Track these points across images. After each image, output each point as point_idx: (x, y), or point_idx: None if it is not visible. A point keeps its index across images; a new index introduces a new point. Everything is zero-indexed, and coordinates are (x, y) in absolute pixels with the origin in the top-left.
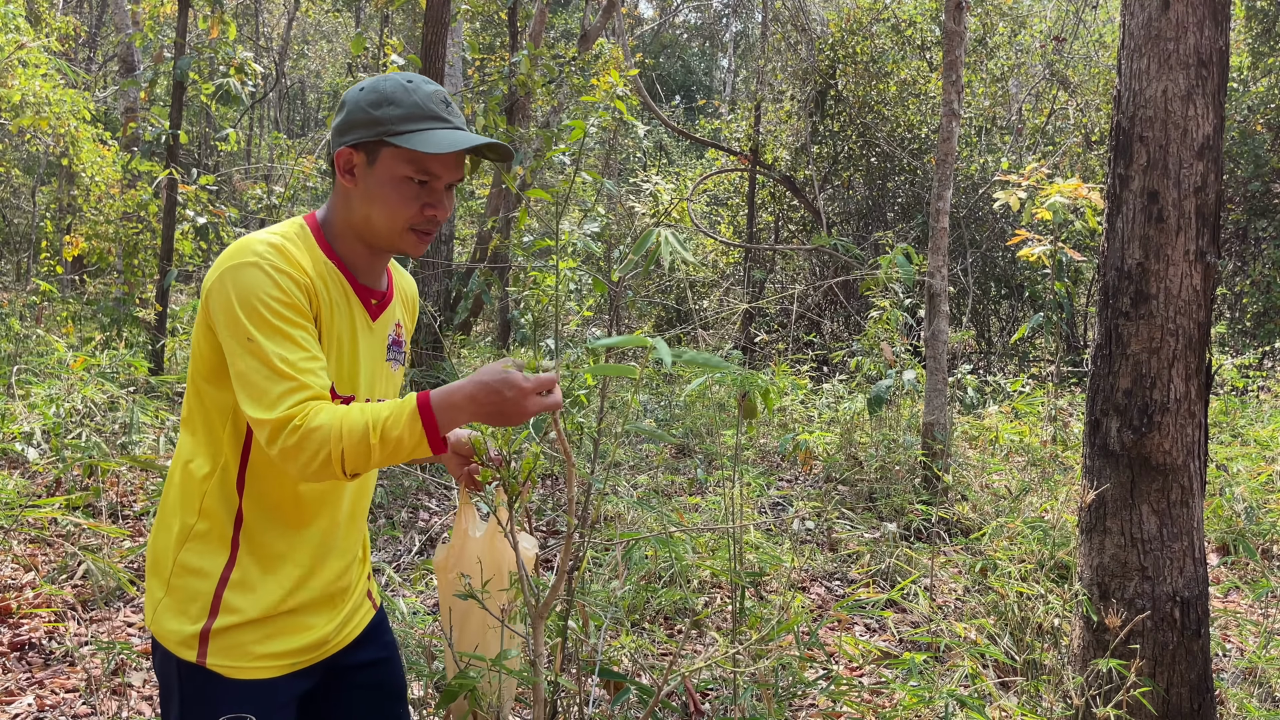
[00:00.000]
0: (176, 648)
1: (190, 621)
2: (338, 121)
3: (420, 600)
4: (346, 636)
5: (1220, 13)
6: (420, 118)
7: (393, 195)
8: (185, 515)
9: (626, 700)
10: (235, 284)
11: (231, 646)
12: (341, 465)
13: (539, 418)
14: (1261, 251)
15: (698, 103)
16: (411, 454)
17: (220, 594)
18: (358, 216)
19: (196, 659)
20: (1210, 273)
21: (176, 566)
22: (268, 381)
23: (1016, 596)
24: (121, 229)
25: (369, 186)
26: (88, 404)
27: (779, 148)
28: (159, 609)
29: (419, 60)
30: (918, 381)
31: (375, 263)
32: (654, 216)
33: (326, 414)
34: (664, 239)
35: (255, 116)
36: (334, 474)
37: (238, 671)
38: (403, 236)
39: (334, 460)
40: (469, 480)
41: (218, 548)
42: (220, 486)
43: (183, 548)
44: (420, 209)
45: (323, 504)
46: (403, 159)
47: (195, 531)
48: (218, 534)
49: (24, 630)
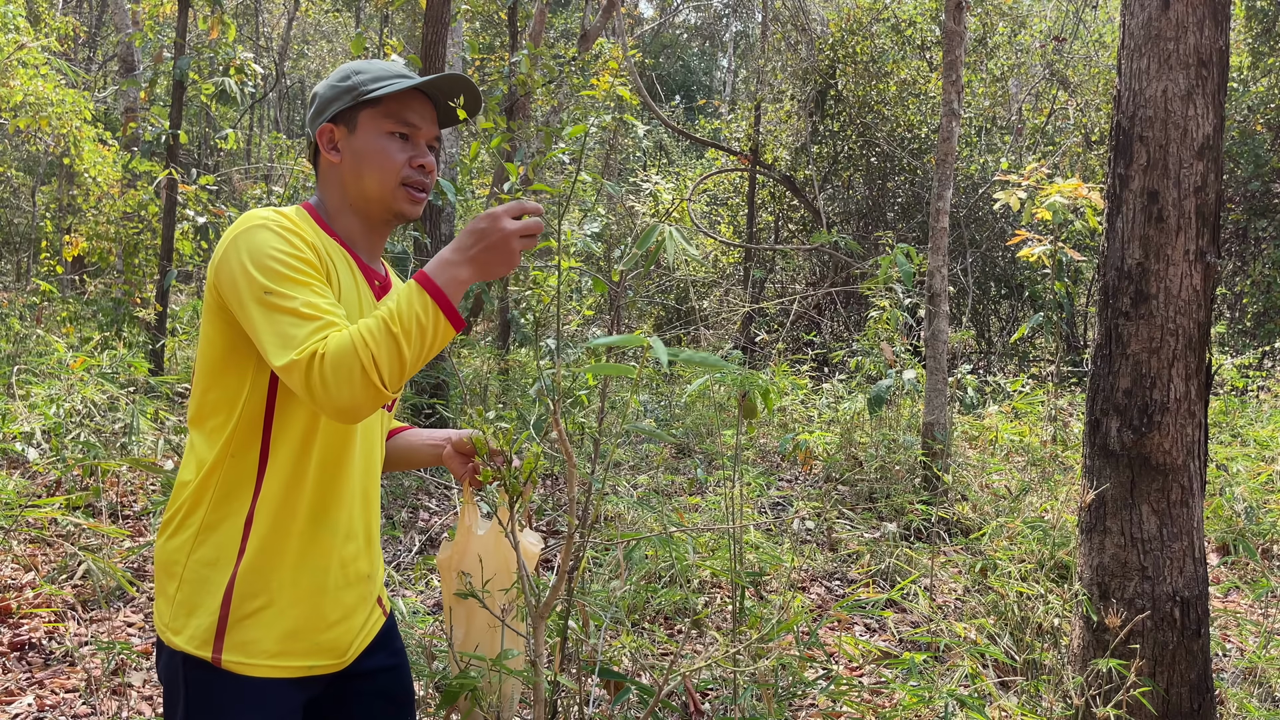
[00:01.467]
0: (190, 644)
1: (206, 615)
2: (312, 110)
3: (420, 600)
4: (361, 643)
5: (1220, 13)
6: (389, 76)
7: (379, 153)
8: (198, 510)
9: (626, 700)
10: (247, 246)
11: (248, 642)
12: (378, 373)
13: (539, 418)
14: (1261, 251)
15: (698, 103)
16: (436, 336)
17: (233, 584)
18: (350, 188)
19: (211, 655)
20: (1210, 273)
21: (191, 561)
22: (294, 327)
23: (1016, 596)
24: (121, 229)
25: (354, 153)
26: (88, 404)
27: (779, 148)
28: (174, 606)
29: (419, 60)
30: (918, 381)
31: (374, 240)
32: (654, 216)
33: (341, 332)
34: (668, 235)
35: (255, 116)
36: (375, 389)
37: (252, 669)
38: (395, 194)
39: (369, 369)
40: (471, 479)
41: (231, 539)
42: (234, 475)
43: (196, 540)
44: (407, 160)
45: (336, 483)
46: (381, 114)
47: (207, 523)
48: (231, 524)
49: (24, 630)
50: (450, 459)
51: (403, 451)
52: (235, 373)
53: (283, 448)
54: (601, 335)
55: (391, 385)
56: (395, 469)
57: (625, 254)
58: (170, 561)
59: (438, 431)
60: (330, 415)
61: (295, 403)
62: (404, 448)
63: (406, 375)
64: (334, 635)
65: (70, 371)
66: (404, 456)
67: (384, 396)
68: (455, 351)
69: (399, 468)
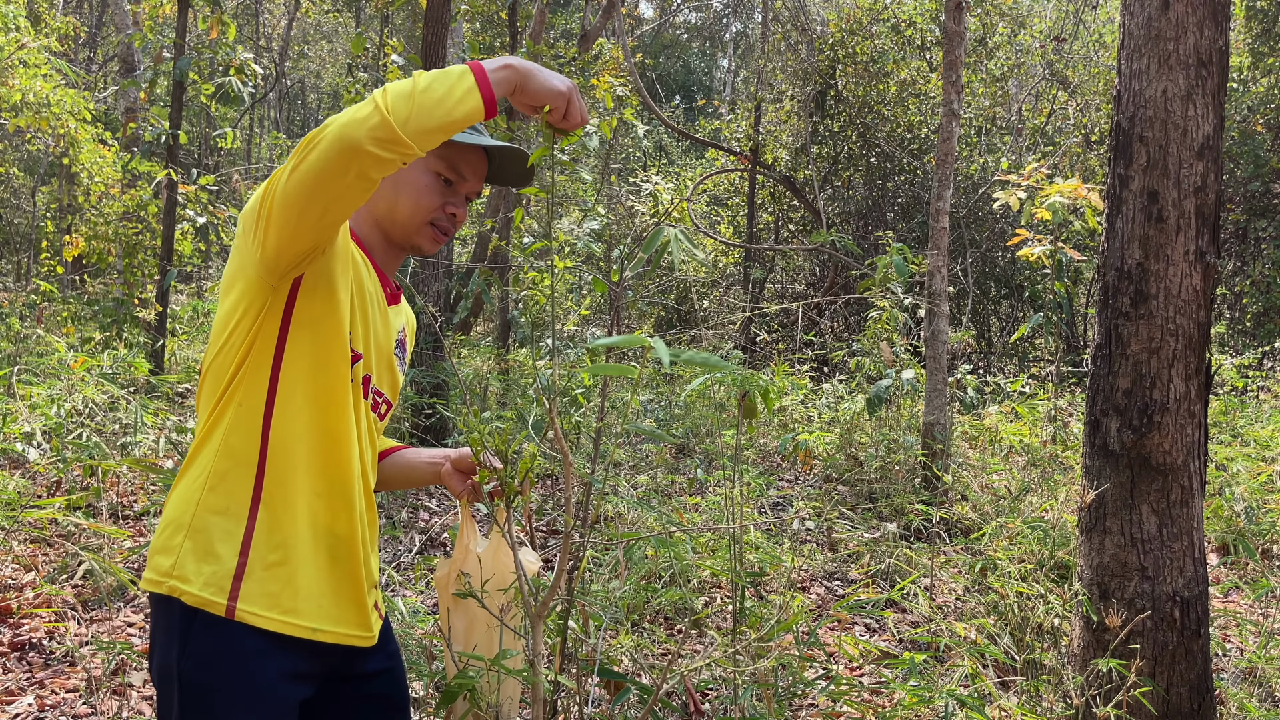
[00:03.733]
0: (206, 590)
1: (222, 562)
2: None
3: (420, 600)
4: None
5: (1220, 13)
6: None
7: (421, 190)
8: (206, 458)
9: (626, 700)
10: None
11: (267, 594)
12: (386, 110)
13: (539, 418)
14: (1261, 251)
15: (698, 103)
16: (458, 102)
17: (251, 532)
18: (382, 207)
19: (226, 602)
20: (1210, 273)
21: (200, 509)
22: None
23: (1016, 596)
24: (121, 229)
25: (399, 177)
26: (88, 404)
27: (779, 148)
28: (179, 554)
29: (419, 60)
30: (917, 381)
31: (389, 258)
32: (654, 216)
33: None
34: (674, 238)
35: (255, 116)
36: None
37: (268, 622)
38: (421, 231)
39: (379, 108)
40: (470, 494)
41: (243, 488)
42: (243, 427)
43: (206, 487)
44: (443, 205)
45: (338, 446)
46: (436, 154)
47: (216, 470)
48: (242, 473)
49: (24, 630)
50: (449, 477)
51: (400, 470)
52: (245, 322)
53: (290, 398)
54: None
55: (393, 111)
56: (392, 488)
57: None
58: (180, 511)
59: (436, 450)
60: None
61: (300, 358)
62: (401, 465)
63: (411, 115)
64: (358, 613)
65: (71, 371)
66: (401, 475)
67: (390, 130)
68: (455, 351)
69: (396, 487)
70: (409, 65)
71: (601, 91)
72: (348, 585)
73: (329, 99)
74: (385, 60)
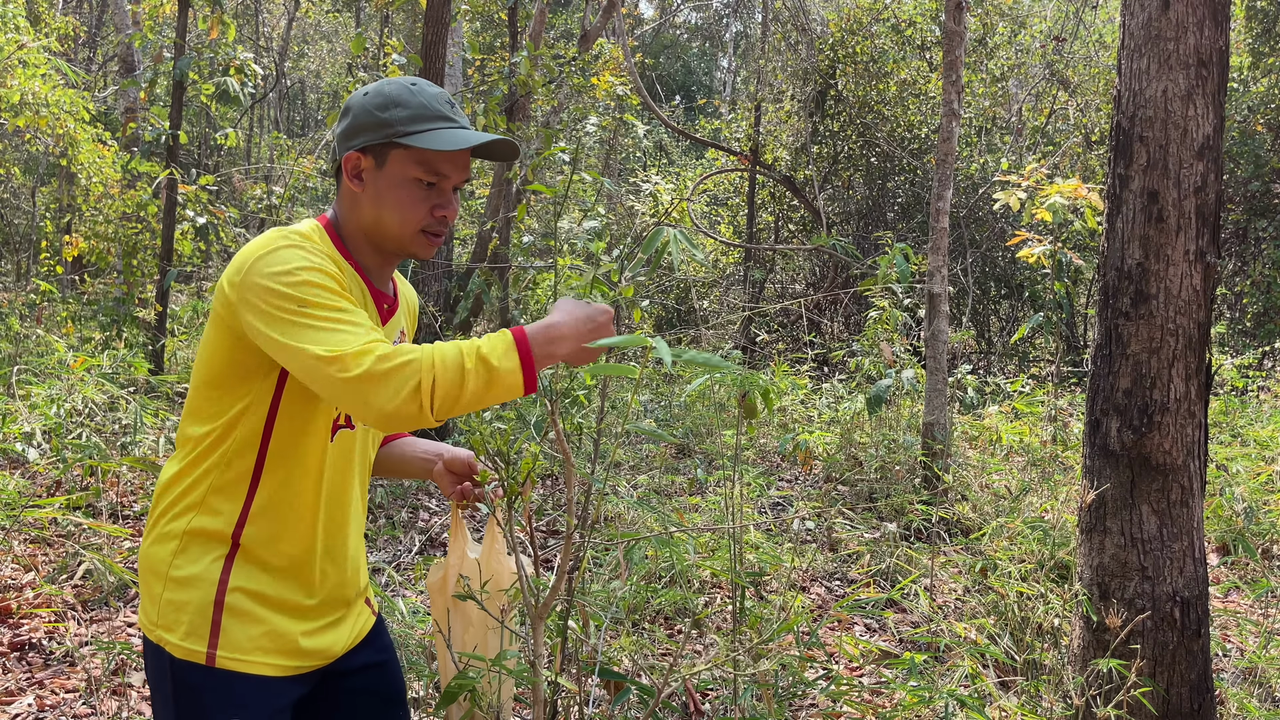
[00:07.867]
0: (186, 641)
1: (198, 613)
2: (343, 127)
3: (420, 600)
4: (350, 643)
5: (1220, 13)
6: (427, 118)
7: (403, 197)
8: (184, 514)
9: (627, 700)
10: (272, 265)
11: (242, 640)
12: (431, 395)
13: (540, 418)
14: (1261, 251)
15: (698, 103)
16: (502, 390)
17: (225, 583)
18: (368, 220)
19: (206, 651)
20: (1210, 273)
21: (175, 566)
22: (343, 331)
23: (1016, 596)
24: (121, 229)
25: (378, 190)
26: (88, 404)
27: (779, 148)
28: (160, 604)
29: (419, 60)
30: (917, 381)
31: (385, 267)
32: (654, 216)
33: (417, 348)
34: (674, 238)
35: (255, 117)
36: (420, 409)
37: (247, 665)
38: (414, 239)
39: (424, 390)
40: (460, 497)
41: (219, 543)
42: (228, 491)
43: (179, 548)
44: (430, 210)
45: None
46: (412, 160)
47: (194, 526)
48: (219, 530)
49: (24, 630)
50: (440, 476)
51: (395, 460)
52: (235, 387)
53: (278, 466)
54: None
55: (439, 412)
56: (384, 475)
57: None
58: (156, 562)
59: (431, 445)
60: (358, 412)
61: (293, 424)
62: (396, 456)
63: (456, 411)
64: (325, 640)
65: (70, 371)
66: (395, 465)
67: (424, 419)
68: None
69: (388, 475)
70: (409, 65)
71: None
72: (326, 608)
73: (329, 99)
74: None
